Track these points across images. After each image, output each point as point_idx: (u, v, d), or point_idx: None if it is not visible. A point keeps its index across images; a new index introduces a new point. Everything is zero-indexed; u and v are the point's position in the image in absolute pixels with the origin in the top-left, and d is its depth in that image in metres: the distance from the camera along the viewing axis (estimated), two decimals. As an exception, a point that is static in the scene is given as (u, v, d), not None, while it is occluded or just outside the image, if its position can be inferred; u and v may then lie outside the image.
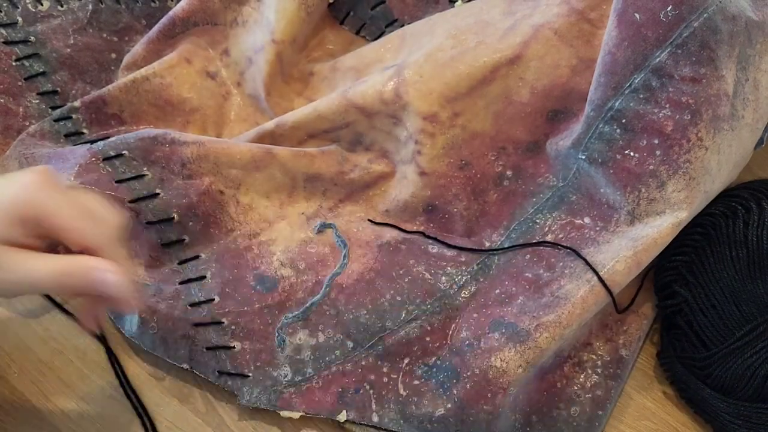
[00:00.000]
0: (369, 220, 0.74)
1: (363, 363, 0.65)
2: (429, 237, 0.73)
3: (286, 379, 0.65)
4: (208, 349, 0.65)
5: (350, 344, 0.66)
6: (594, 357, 0.68)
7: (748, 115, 0.64)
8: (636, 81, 0.63)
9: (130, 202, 0.68)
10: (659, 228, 0.64)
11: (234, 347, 0.65)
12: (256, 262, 0.70)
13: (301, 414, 0.63)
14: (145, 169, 0.70)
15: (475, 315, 0.66)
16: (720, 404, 0.64)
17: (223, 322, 0.66)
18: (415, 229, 0.73)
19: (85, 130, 0.75)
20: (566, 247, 0.67)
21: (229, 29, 0.82)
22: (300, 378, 0.65)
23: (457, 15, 0.75)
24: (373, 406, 0.63)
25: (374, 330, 0.66)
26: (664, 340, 0.70)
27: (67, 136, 0.75)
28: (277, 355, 0.65)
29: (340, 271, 0.70)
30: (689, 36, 0.61)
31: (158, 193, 0.69)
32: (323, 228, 0.73)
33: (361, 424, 0.64)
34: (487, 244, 0.72)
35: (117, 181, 0.69)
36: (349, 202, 0.75)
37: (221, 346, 0.65)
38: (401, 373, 0.65)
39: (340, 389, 0.64)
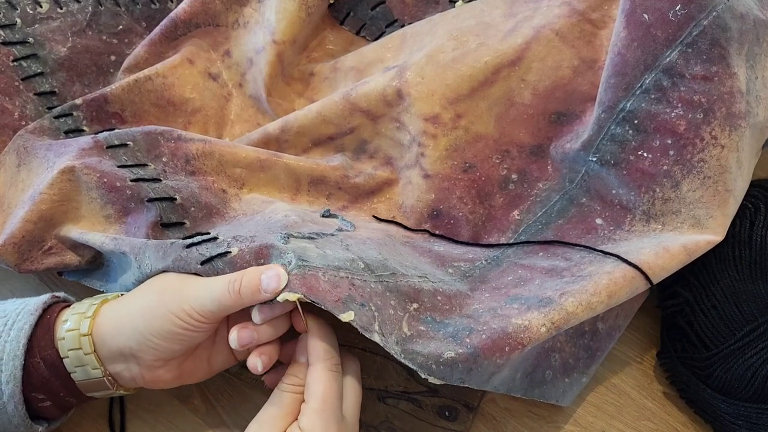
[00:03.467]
0: (374, 216, 0.74)
1: (372, 286, 0.58)
2: (434, 235, 0.72)
3: (290, 265, 0.56)
4: (203, 263, 0.59)
5: (361, 264, 0.59)
6: (576, 324, 0.67)
7: (761, 112, 0.64)
8: (647, 81, 0.63)
9: (132, 181, 0.67)
10: (695, 241, 0.63)
11: (231, 251, 0.59)
12: (263, 218, 0.67)
13: (299, 296, 0.54)
14: (148, 161, 0.69)
15: (486, 295, 0.64)
16: (720, 404, 0.64)
17: (218, 238, 0.61)
18: (419, 235, 0.73)
19: (85, 128, 0.74)
20: (580, 245, 0.66)
21: (230, 30, 0.82)
22: (305, 263, 0.57)
23: (458, 16, 0.75)
24: (376, 327, 0.56)
25: (387, 266, 0.61)
26: (664, 340, 0.70)
27: (67, 132, 0.74)
28: (279, 247, 0.59)
29: (350, 230, 0.68)
30: (699, 34, 0.61)
31: (160, 180, 0.68)
32: (329, 215, 0.72)
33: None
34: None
35: (119, 166, 0.68)
36: (353, 208, 0.75)
37: (216, 255, 0.59)
38: (407, 315, 0.59)
39: (347, 294, 0.56)
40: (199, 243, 0.61)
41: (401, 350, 0.55)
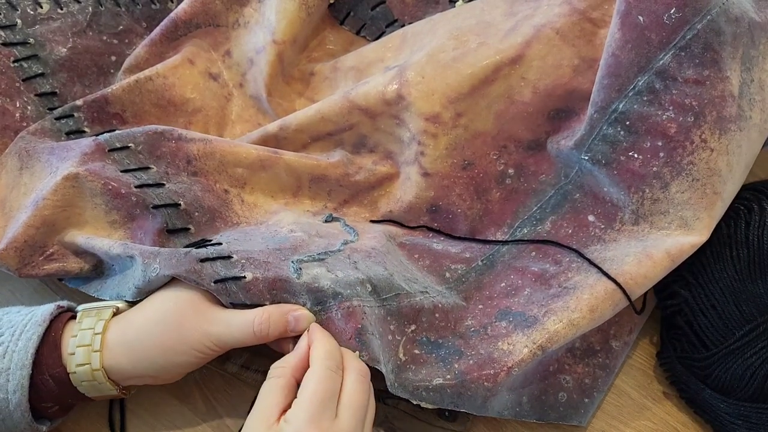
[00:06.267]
0: (372, 221, 0.74)
1: (376, 312, 0.62)
2: (432, 229, 0.73)
3: (305, 307, 0.60)
4: (216, 282, 0.59)
5: (369, 287, 0.62)
6: (585, 345, 0.68)
7: (756, 115, 0.64)
8: (640, 83, 0.63)
9: (136, 187, 0.67)
10: (679, 245, 0.64)
11: (245, 277, 0.60)
12: (269, 231, 0.68)
13: None
14: (150, 162, 0.69)
15: (480, 306, 0.67)
16: (720, 404, 0.64)
17: (233, 257, 0.61)
18: (418, 232, 0.74)
19: (86, 129, 0.75)
20: (570, 248, 0.67)
21: (231, 31, 0.82)
22: (319, 308, 0.60)
23: (458, 15, 0.75)
24: (380, 357, 0.59)
25: (393, 284, 0.64)
26: (664, 340, 0.70)
27: (68, 134, 0.74)
28: (293, 282, 0.60)
29: (354, 240, 0.69)
30: (693, 38, 0.61)
31: (164, 184, 0.68)
32: (331, 219, 0.73)
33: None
34: (492, 243, 0.72)
35: (122, 171, 0.68)
36: (354, 203, 0.75)
37: (231, 278, 0.60)
38: (404, 338, 0.63)
39: (360, 326, 0.59)
40: (213, 259, 0.61)
41: (395, 379, 0.60)
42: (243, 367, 0.68)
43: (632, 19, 0.63)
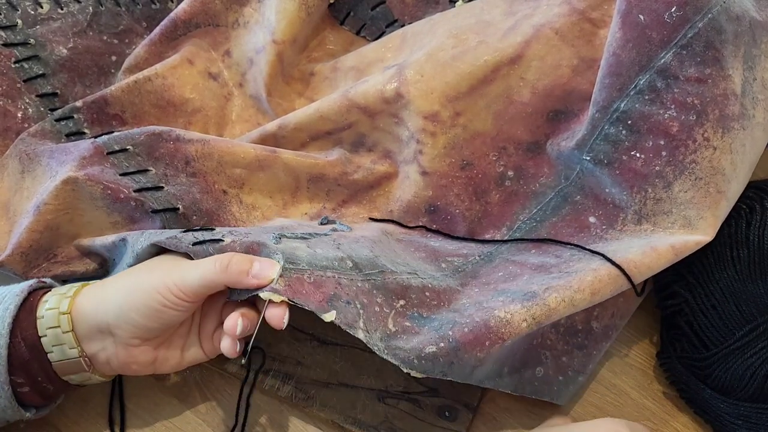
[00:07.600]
0: (371, 218, 0.74)
1: (359, 285, 0.60)
2: (430, 230, 0.73)
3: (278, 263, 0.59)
4: (194, 244, 0.59)
5: (350, 263, 0.61)
6: (569, 322, 0.68)
7: (759, 114, 0.64)
8: (641, 82, 0.63)
9: (135, 191, 0.67)
10: (684, 241, 0.63)
11: (223, 240, 0.60)
12: (262, 227, 0.69)
13: (282, 300, 0.56)
14: (149, 164, 0.69)
15: (476, 290, 0.65)
16: (720, 404, 0.64)
17: (215, 229, 0.63)
18: (416, 231, 0.73)
19: (86, 130, 0.75)
20: (571, 244, 0.67)
21: (230, 30, 0.82)
22: (291, 266, 0.58)
23: (458, 15, 0.75)
24: (361, 324, 0.58)
25: (376, 263, 0.63)
26: (664, 340, 0.70)
27: (68, 135, 0.74)
28: (270, 246, 0.60)
29: (344, 229, 0.69)
30: (694, 37, 0.61)
31: (162, 186, 0.68)
32: (326, 222, 0.73)
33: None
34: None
35: (121, 174, 0.68)
36: (353, 203, 0.75)
37: (209, 240, 0.60)
38: (393, 311, 0.61)
39: (332, 293, 0.58)
40: (196, 230, 0.62)
41: (384, 346, 0.57)
42: (243, 367, 0.68)
43: (633, 18, 0.63)
